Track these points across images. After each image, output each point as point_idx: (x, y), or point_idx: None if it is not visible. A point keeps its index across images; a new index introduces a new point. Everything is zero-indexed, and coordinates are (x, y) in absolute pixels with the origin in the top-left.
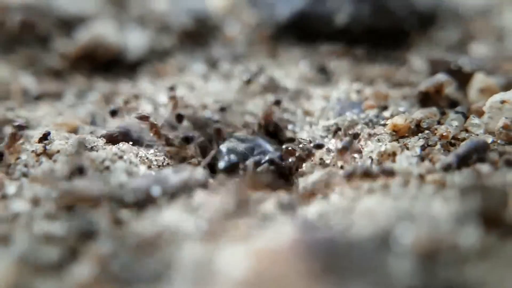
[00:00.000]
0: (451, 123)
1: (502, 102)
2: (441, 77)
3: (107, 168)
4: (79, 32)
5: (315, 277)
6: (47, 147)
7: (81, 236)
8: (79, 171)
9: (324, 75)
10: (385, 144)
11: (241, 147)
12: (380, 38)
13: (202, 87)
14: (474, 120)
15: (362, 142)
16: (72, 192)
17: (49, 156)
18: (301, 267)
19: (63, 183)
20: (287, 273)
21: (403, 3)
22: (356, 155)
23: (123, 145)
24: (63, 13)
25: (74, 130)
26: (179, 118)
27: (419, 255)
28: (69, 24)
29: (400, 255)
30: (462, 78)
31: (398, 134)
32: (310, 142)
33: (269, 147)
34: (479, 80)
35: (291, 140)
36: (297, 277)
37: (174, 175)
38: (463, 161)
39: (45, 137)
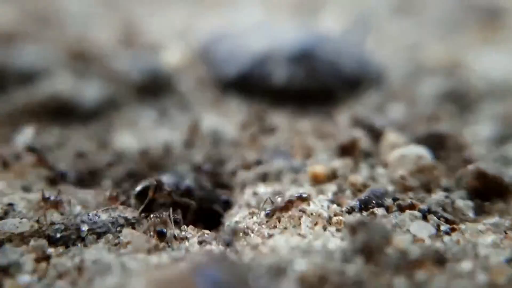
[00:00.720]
0: (361, 172)
1: (402, 156)
2: (356, 132)
3: (41, 207)
4: (37, 85)
5: None
6: None
7: (4, 270)
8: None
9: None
10: (304, 188)
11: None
12: (311, 96)
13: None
14: (379, 170)
15: (286, 186)
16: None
17: None
18: None
19: None
20: None
21: (332, 68)
22: (278, 197)
23: (62, 186)
24: (24, 66)
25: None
26: None
27: (307, 282)
28: (29, 76)
29: (290, 282)
30: (376, 134)
31: (316, 181)
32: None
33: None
34: (388, 137)
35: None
36: None
37: (104, 214)
38: (364, 205)
39: None
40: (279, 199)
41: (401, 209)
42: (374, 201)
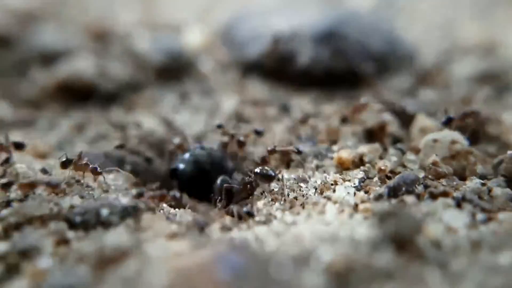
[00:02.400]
0: (390, 158)
1: (435, 141)
2: (385, 116)
3: (63, 191)
4: (59, 66)
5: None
6: (8, 170)
7: (23, 254)
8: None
9: (286, 112)
10: (329, 175)
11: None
12: (337, 78)
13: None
14: (410, 156)
15: (309, 172)
16: (21, 212)
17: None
18: (217, 283)
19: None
20: (203, 285)
21: (359, 48)
22: (302, 184)
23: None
24: (46, 46)
25: (41, 156)
26: None
27: (333, 273)
28: (50, 57)
29: (315, 272)
30: (406, 119)
31: (342, 167)
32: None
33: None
34: (420, 121)
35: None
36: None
37: (125, 198)
38: (394, 193)
39: (6, 161)
40: None
41: (433, 196)
42: (404, 188)
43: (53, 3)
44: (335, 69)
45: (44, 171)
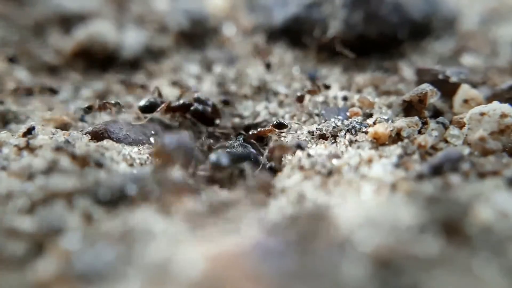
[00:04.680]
0: (431, 133)
1: (482, 114)
2: (425, 86)
3: (87, 164)
4: (77, 29)
5: (270, 280)
6: (30, 141)
7: (49, 232)
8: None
9: (314, 82)
10: (364, 151)
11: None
12: (371, 45)
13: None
14: (453, 131)
15: (342, 148)
16: (46, 187)
17: (32, 150)
18: (256, 271)
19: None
20: (242, 276)
21: (395, 11)
22: (334, 161)
23: (107, 142)
24: (62, 9)
25: (62, 126)
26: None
27: (377, 262)
28: (67, 21)
29: (357, 261)
30: (449, 89)
31: (378, 142)
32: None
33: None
34: (464, 92)
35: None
36: (251, 281)
37: (152, 174)
38: (436, 171)
39: (29, 132)
40: None
41: (481, 175)
42: (447, 166)
43: None
44: (369, 33)
45: (67, 142)
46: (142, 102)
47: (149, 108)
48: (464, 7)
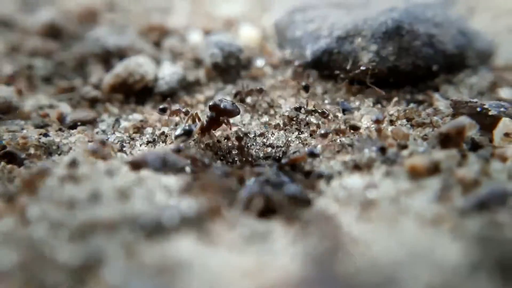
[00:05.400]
0: (472, 167)
1: None
2: (463, 119)
3: (126, 195)
4: (116, 64)
5: None
6: (73, 172)
7: (91, 263)
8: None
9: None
10: (401, 183)
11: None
12: (404, 78)
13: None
14: (496, 165)
15: (377, 179)
16: (88, 218)
17: (77, 181)
18: None
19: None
20: None
21: (429, 43)
22: (370, 192)
23: (145, 172)
24: (103, 44)
25: (103, 157)
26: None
27: None
28: (108, 57)
29: None
30: (487, 122)
31: (415, 174)
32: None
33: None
34: (505, 125)
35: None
36: None
37: (191, 205)
38: (481, 206)
39: (72, 163)
40: None
41: None
42: (493, 202)
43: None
44: (401, 65)
45: (109, 173)
46: (178, 131)
47: (184, 135)
48: (501, 39)
